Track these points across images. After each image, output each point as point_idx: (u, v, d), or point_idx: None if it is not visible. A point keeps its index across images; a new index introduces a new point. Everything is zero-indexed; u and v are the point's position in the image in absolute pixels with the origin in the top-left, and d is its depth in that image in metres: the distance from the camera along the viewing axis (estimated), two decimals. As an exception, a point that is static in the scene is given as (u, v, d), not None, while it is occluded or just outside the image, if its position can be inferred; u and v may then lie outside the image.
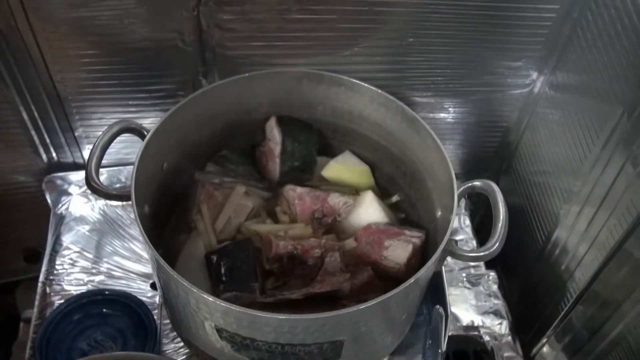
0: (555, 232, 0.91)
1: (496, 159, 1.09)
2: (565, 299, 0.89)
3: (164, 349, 0.85)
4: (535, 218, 0.98)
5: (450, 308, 0.86)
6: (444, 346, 0.79)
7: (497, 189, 0.71)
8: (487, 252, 0.68)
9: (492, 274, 0.99)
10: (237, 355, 0.69)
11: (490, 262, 0.97)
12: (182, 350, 0.85)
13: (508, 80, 0.95)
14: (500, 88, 0.97)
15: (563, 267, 0.89)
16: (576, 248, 0.85)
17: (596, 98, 0.80)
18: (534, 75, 0.94)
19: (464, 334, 0.92)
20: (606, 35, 0.77)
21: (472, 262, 0.99)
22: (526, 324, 0.98)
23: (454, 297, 0.95)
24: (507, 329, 0.93)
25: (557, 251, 0.91)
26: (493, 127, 1.04)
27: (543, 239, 0.95)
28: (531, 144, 0.99)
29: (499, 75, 0.94)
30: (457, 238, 1.02)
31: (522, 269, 1.03)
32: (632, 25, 0.72)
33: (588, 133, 0.81)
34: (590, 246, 0.82)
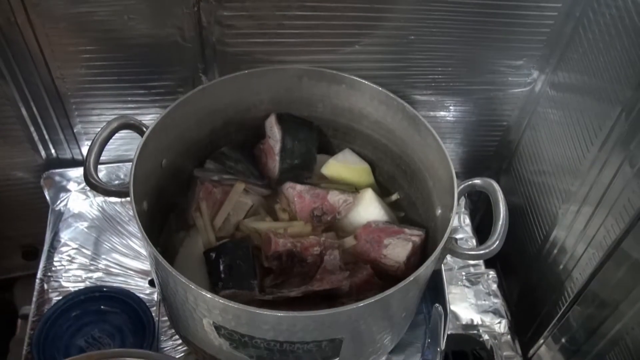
0: (554, 232, 0.91)
1: (496, 158, 1.09)
2: (563, 298, 0.88)
3: (162, 346, 0.85)
4: (535, 217, 0.98)
5: (449, 307, 0.86)
6: (443, 345, 0.79)
7: (498, 187, 0.71)
8: (488, 250, 0.68)
9: (492, 272, 0.99)
10: (236, 352, 0.69)
11: (489, 261, 0.97)
12: (180, 347, 0.85)
13: (509, 79, 0.95)
14: (501, 87, 0.96)
15: (561, 267, 0.89)
16: (574, 248, 0.85)
17: (595, 97, 0.80)
18: (535, 74, 0.94)
19: (463, 332, 0.92)
20: (607, 34, 0.77)
21: (472, 261, 0.99)
22: (524, 324, 0.98)
23: (453, 295, 0.95)
24: (506, 327, 0.93)
25: (555, 251, 0.91)
26: (494, 126, 1.04)
27: (542, 238, 0.95)
28: (531, 143, 0.99)
29: (500, 74, 0.94)
30: (457, 237, 1.02)
31: (521, 268, 1.03)
32: (633, 25, 0.72)
33: (587, 133, 0.81)
34: (588, 246, 0.82)
